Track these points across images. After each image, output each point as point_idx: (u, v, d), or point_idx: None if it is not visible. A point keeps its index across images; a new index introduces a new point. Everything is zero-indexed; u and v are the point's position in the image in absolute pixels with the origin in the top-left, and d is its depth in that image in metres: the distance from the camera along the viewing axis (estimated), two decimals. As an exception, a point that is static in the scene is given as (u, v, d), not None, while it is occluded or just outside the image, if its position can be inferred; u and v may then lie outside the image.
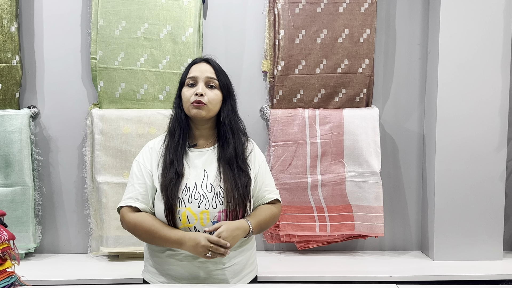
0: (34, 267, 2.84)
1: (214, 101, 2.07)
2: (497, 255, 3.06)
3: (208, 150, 2.12)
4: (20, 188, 2.89)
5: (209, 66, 2.11)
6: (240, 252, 2.12)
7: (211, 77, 2.08)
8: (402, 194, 3.21)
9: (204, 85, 2.07)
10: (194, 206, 2.01)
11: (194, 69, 2.11)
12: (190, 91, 2.07)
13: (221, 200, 2.02)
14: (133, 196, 2.07)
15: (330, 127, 2.98)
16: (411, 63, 3.15)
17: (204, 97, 2.04)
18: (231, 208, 2.02)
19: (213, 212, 2.01)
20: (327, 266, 2.93)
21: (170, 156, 2.06)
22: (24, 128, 2.88)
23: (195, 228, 2.01)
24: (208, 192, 2.03)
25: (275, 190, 2.24)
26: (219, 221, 2.01)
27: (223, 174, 2.05)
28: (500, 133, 3.00)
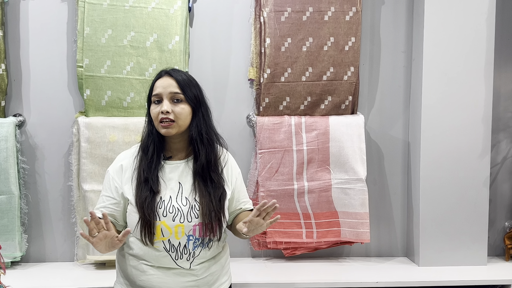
0: (20, 276, 2.82)
1: (182, 116, 2.01)
2: (481, 260, 3.08)
3: (182, 163, 2.09)
4: (6, 197, 2.87)
5: (172, 79, 2.03)
6: (214, 263, 2.11)
7: (174, 91, 2.01)
8: (388, 200, 3.24)
9: (169, 100, 2.01)
10: (169, 220, 1.98)
11: (158, 84, 2.03)
12: (156, 109, 2.01)
13: (196, 214, 2.00)
14: (101, 207, 2.07)
15: (316, 134, 3.00)
16: (395, 71, 3.18)
17: (171, 114, 1.98)
18: (207, 221, 2.00)
19: (188, 225, 1.99)
20: (314, 272, 2.94)
21: (145, 173, 2.02)
22: (10, 136, 2.87)
23: (169, 241, 1.99)
24: (183, 206, 2.01)
25: (249, 201, 2.26)
26: (194, 235, 2.01)
27: (198, 187, 2.03)
28: (483, 139, 3.03)
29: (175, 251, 2.00)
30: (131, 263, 2.08)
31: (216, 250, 2.12)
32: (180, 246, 2.00)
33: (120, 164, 2.10)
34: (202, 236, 2.02)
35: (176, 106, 2.00)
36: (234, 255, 3.16)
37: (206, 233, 2.01)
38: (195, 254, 2.03)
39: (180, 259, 2.01)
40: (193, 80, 2.09)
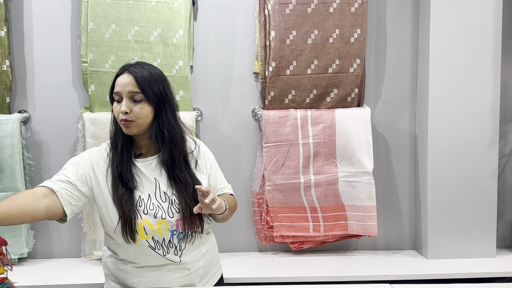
0: (27, 272, 2.84)
1: (141, 115, 1.92)
2: (490, 252, 3.07)
3: (153, 158, 2.03)
4: (12, 193, 2.86)
5: (132, 78, 1.91)
6: (203, 255, 2.10)
7: (133, 91, 1.90)
8: (395, 193, 3.22)
9: (129, 99, 1.91)
10: (150, 217, 1.94)
11: (118, 82, 1.93)
12: (117, 108, 1.93)
13: (177, 208, 1.97)
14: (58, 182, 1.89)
15: (322, 128, 2.99)
16: (402, 62, 3.15)
17: (130, 114, 1.90)
18: (188, 215, 1.96)
19: (170, 221, 1.96)
20: (322, 266, 2.93)
21: (118, 168, 1.95)
22: (15, 132, 2.87)
23: (153, 238, 1.96)
24: (162, 202, 1.97)
25: (228, 185, 2.20)
26: (178, 229, 1.98)
27: (173, 182, 1.99)
28: (491, 130, 3.01)
29: (160, 247, 1.97)
30: (119, 267, 2.05)
31: (202, 242, 2.09)
32: (165, 241, 1.97)
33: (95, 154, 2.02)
34: (185, 230, 1.98)
35: (135, 106, 1.91)
36: (241, 249, 3.16)
37: (189, 226, 1.98)
38: (182, 247, 2.01)
39: (168, 254, 1.99)
40: (156, 75, 1.96)
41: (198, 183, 2.01)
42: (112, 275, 2.09)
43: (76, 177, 1.93)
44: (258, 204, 3.09)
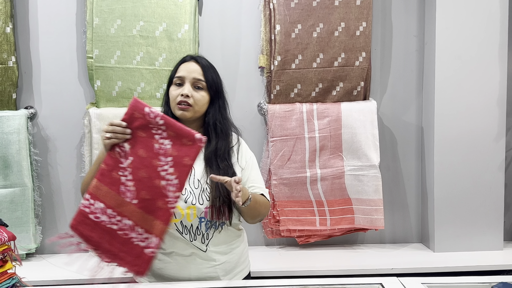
0: (35, 268, 2.85)
1: (200, 103, 2.04)
2: (497, 245, 3.06)
3: None
4: (20, 189, 2.89)
5: (198, 66, 2.06)
6: (231, 250, 2.12)
7: (198, 78, 2.04)
8: (402, 186, 3.22)
9: (191, 85, 2.03)
10: (181, 201, 1.99)
11: (182, 68, 2.06)
12: (176, 91, 2.03)
13: (207, 197, 2.01)
14: None
15: (328, 121, 2.98)
16: (408, 55, 3.14)
17: (190, 99, 2.01)
18: (218, 205, 2.00)
19: (199, 208, 2.00)
20: (328, 259, 2.94)
21: None
22: (22, 128, 2.88)
23: (181, 223, 2.00)
24: (195, 188, 2.02)
25: (262, 187, 2.18)
26: (206, 217, 2.01)
27: (209, 171, 2.03)
28: (498, 123, 3.00)
29: (188, 233, 2.01)
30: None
31: (231, 236, 2.12)
32: (193, 228, 2.01)
33: None
34: (213, 219, 2.02)
35: (196, 92, 2.03)
36: (248, 243, 3.15)
37: (217, 216, 2.02)
38: (209, 236, 2.04)
39: (195, 241, 2.02)
40: (216, 70, 2.11)
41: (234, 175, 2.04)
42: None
43: None
44: (264, 198, 3.09)
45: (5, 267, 2.00)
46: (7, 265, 2.02)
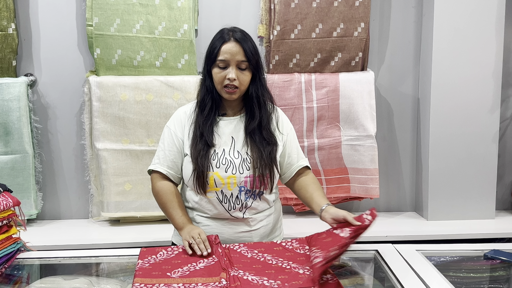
0: (36, 233, 2.89)
1: (245, 83, 2.07)
2: (489, 214, 3.13)
3: (236, 119, 2.16)
4: (20, 156, 2.92)
5: (239, 46, 2.04)
6: (267, 216, 2.18)
7: (241, 60, 2.04)
8: (397, 156, 3.26)
9: (235, 67, 2.04)
10: (222, 171, 2.06)
11: (225, 50, 2.04)
12: (221, 74, 2.05)
13: (248, 166, 2.08)
14: (162, 162, 2.15)
15: (326, 92, 3.01)
16: (406, 26, 3.16)
17: (236, 81, 2.04)
18: (258, 173, 2.07)
19: (239, 177, 2.06)
20: (324, 227, 2.98)
21: (200, 128, 2.10)
22: (22, 96, 2.89)
23: (222, 191, 2.07)
24: (235, 158, 2.08)
25: (303, 157, 2.27)
26: (246, 186, 2.08)
27: (250, 142, 2.10)
28: (493, 95, 3.03)
29: (227, 201, 2.08)
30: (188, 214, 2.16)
31: (267, 204, 2.18)
32: (233, 197, 2.08)
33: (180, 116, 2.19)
34: (253, 188, 2.08)
35: (241, 74, 2.05)
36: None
37: (257, 185, 2.08)
38: (247, 205, 2.10)
39: (233, 210, 2.09)
40: (253, 42, 2.11)
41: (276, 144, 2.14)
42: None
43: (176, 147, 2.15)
44: (262, 167, 3.13)
45: (10, 232, 2.05)
46: (11, 230, 2.06)
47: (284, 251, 2.02)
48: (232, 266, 1.85)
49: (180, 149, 2.14)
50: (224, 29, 2.12)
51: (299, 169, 2.22)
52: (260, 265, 1.88)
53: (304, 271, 1.81)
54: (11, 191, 2.11)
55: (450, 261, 2.12)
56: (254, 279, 1.74)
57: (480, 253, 2.13)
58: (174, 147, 2.14)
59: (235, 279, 1.73)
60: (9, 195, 2.05)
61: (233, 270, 1.81)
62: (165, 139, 2.17)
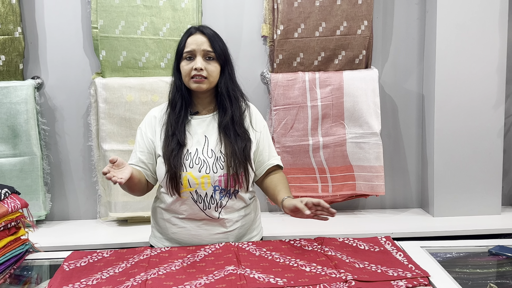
0: (45, 234, 2.93)
1: (213, 73, 2.07)
2: (495, 210, 3.13)
3: (208, 117, 2.15)
4: (29, 158, 2.95)
5: (205, 37, 2.08)
6: (243, 217, 2.18)
7: (208, 50, 2.06)
8: (402, 153, 3.27)
9: (202, 57, 2.06)
10: (195, 171, 2.06)
11: (190, 41, 2.08)
12: (189, 65, 2.07)
13: (221, 165, 2.07)
14: (134, 162, 2.14)
15: (330, 90, 3.02)
16: (409, 24, 3.16)
17: (204, 71, 2.05)
18: (232, 172, 2.06)
19: (213, 176, 2.06)
20: (330, 224, 2.99)
21: (172, 127, 2.10)
22: (30, 98, 2.92)
23: (196, 192, 2.07)
24: (208, 157, 2.08)
25: (276, 156, 2.28)
26: (220, 185, 2.07)
27: (223, 140, 2.10)
28: (498, 90, 3.03)
29: (202, 201, 2.08)
30: (164, 216, 2.17)
31: (243, 203, 2.18)
32: (207, 196, 2.08)
33: (151, 117, 2.19)
34: (228, 187, 2.08)
35: (208, 64, 2.07)
36: (252, 209, 3.22)
37: (231, 183, 2.08)
38: (223, 204, 2.10)
39: (208, 209, 2.09)
40: (221, 38, 2.13)
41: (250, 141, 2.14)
42: (157, 225, 2.23)
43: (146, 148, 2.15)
44: (268, 165, 3.15)
45: (18, 234, 2.07)
46: (20, 231, 2.09)
47: (292, 249, 2.04)
48: (240, 264, 1.87)
49: (151, 150, 2.14)
50: (192, 26, 2.16)
51: (269, 168, 2.22)
52: (267, 263, 1.90)
53: (311, 269, 1.83)
54: (19, 193, 2.13)
55: (456, 257, 2.12)
56: (261, 277, 1.76)
57: (484, 249, 2.13)
58: (145, 148, 2.14)
59: (241, 278, 1.75)
60: (17, 197, 2.08)
61: (240, 268, 1.83)
62: (137, 141, 2.18)
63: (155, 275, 1.79)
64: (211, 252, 2.01)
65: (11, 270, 1.97)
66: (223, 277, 1.76)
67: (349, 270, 1.78)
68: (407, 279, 1.72)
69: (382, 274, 1.77)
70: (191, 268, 1.87)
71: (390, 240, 2.12)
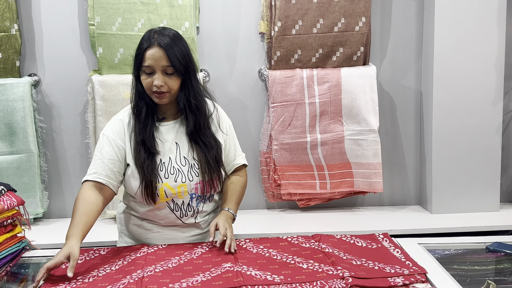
0: (43, 231, 2.92)
1: (174, 87, 1.99)
2: (494, 206, 3.13)
3: (177, 122, 2.11)
4: (26, 155, 2.94)
5: (162, 51, 1.95)
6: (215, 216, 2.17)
7: (166, 65, 1.96)
8: (400, 150, 3.27)
9: (161, 73, 1.97)
10: (171, 181, 2.03)
11: (149, 56, 1.96)
12: (148, 80, 1.98)
13: (196, 172, 2.05)
14: (101, 171, 2.03)
15: (328, 87, 3.02)
16: (407, 20, 3.15)
17: (164, 87, 1.97)
18: (207, 178, 2.05)
19: (190, 184, 2.05)
20: (328, 222, 3.00)
21: (141, 135, 2.02)
22: (26, 96, 2.92)
23: (172, 200, 2.05)
24: (182, 166, 2.05)
25: (241, 154, 2.25)
26: (197, 192, 2.06)
27: (195, 146, 2.06)
28: (496, 87, 3.03)
29: (179, 209, 2.07)
30: (136, 222, 2.16)
31: (216, 204, 2.20)
32: (184, 204, 2.07)
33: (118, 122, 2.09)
34: (204, 193, 2.08)
35: (168, 79, 1.98)
36: (250, 207, 3.23)
37: (207, 189, 2.07)
38: (199, 210, 2.10)
39: (185, 217, 2.09)
40: (181, 46, 2.01)
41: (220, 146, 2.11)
42: (127, 231, 2.20)
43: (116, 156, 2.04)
44: (265, 163, 3.15)
45: (14, 231, 2.07)
46: (16, 229, 2.09)
47: (289, 246, 2.04)
48: (237, 261, 1.87)
49: (122, 158, 2.05)
50: (151, 31, 2.04)
51: (235, 168, 2.22)
52: (264, 260, 1.90)
53: (308, 266, 1.83)
54: (15, 190, 2.13)
55: (454, 254, 2.12)
56: (258, 274, 1.76)
57: (482, 246, 2.14)
58: (115, 156, 2.03)
59: (238, 275, 1.75)
60: (13, 195, 2.08)
61: (236, 265, 1.83)
62: (104, 148, 2.05)
63: (152, 272, 1.79)
64: (208, 250, 2.01)
65: (7, 268, 1.97)
66: (220, 274, 1.76)
67: (346, 267, 1.78)
68: (404, 276, 1.72)
69: (379, 271, 1.77)
70: (188, 265, 1.87)
71: (387, 237, 2.12)
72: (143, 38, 2.02)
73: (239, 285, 1.67)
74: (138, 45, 2.03)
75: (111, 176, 2.04)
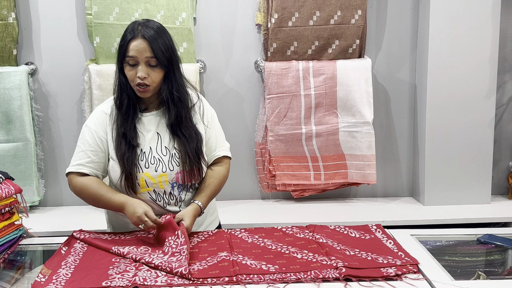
0: (39, 219, 2.94)
1: (157, 80, 2.00)
2: (485, 199, 3.17)
3: (159, 113, 2.11)
4: (22, 144, 2.96)
5: (146, 43, 1.95)
6: None
7: (150, 56, 1.96)
8: (394, 142, 3.29)
9: (145, 64, 1.97)
10: (152, 171, 2.04)
11: (132, 47, 1.96)
12: (132, 72, 1.98)
13: (177, 162, 2.06)
14: (84, 163, 2.05)
15: (323, 79, 3.03)
16: (403, 14, 3.17)
17: (148, 79, 1.97)
18: (188, 168, 2.05)
19: (170, 174, 2.05)
20: (322, 213, 3.03)
21: (122, 127, 2.03)
22: (23, 84, 2.93)
23: (154, 191, 2.06)
24: (163, 155, 2.06)
25: (223, 146, 2.23)
26: (178, 182, 2.07)
27: (175, 137, 2.07)
28: (489, 81, 3.06)
29: (161, 199, 2.08)
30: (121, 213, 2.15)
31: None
32: (166, 193, 2.07)
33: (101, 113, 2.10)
34: (185, 182, 2.08)
35: (152, 71, 1.99)
36: (244, 197, 3.26)
37: (188, 178, 2.07)
38: (182, 198, 2.10)
39: (168, 205, 2.09)
40: (165, 38, 2.02)
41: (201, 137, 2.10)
42: (114, 221, 2.21)
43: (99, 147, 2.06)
44: (261, 153, 3.17)
45: (12, 219, 2.09)
46: (14, 217, 2.10)
47: (284, 236, 2.06)
48: (232, 251, 1.89)
49: (105, 149, 2.06)
50: (135, 22, 2.04)
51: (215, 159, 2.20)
52: (259, 250, 1.92)
53: (302, 256, 1.85)
54: (13, 178, 2.14)
55: (445, 245, 2.15)
56: (253, 263, 1.78)
57: (473, 238, 2.16)
58: (97, 148, 2.05)
59: (234, 264, 1.77)
60: (11, 183, 2.09)
61: (232, 255, 1.85)
62: (86, 139, 2.06)
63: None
64: (204, 239, 2.03)
65: (5, 255, 1.98)
66: (216, 263, 1.79)
67: (340, 257, 1.81)
68: (396, 267, 1.75)
69: (372, 261, 1.80)
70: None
71: (380, 228, 2.14)
72: (127, 29, 2.01)
73: (235, 274, 1.70)
74: (122, 36, 2.02)
75: (94, 167, 2.06)
